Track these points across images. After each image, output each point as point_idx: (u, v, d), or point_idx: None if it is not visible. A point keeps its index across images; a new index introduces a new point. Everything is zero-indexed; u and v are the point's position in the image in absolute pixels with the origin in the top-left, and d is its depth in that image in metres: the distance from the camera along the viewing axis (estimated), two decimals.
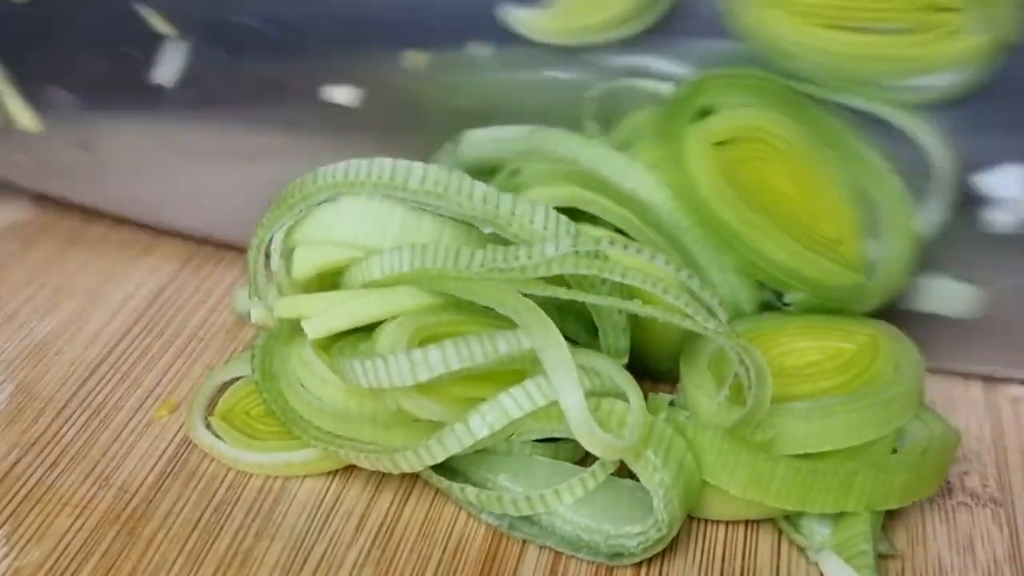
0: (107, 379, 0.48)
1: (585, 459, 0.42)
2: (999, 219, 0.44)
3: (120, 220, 0.57)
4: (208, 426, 0.45)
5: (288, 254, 0.43)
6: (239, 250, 0.55)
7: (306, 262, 0.43)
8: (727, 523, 0.42)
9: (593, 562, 0.40)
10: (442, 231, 0.42)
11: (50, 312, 0.52)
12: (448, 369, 0.38)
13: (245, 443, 0.44)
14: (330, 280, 0.44)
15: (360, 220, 0.42)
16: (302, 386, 0.43)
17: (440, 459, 0.39)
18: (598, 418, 0.38)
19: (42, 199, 0.59)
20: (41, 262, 0.55)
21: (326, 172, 0.42)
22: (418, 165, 0.41)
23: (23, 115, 0.54)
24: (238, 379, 0.46)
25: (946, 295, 0.46)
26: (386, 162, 0.42)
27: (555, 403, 0.39)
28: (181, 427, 0.45)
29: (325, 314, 0.41)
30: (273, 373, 0.44)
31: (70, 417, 0.46)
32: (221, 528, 0.41)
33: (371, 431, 0.41)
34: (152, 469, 0.44)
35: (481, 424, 0.39)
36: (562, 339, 0.38)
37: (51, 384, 0.48)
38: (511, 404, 0.39)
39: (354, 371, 0.39)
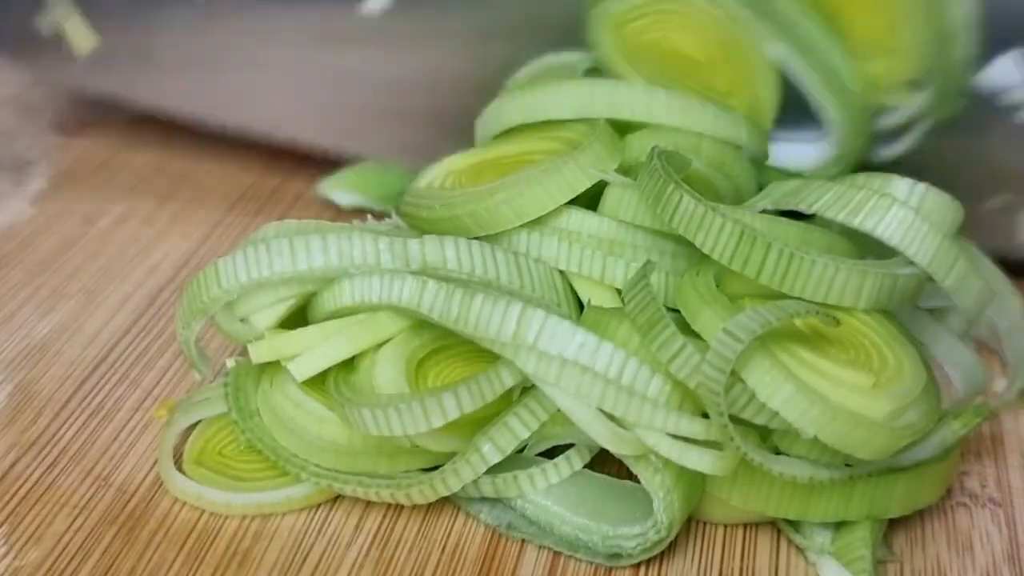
0: (106, 379, 0.48)
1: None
2: None
3: (129, 214, 0.57)
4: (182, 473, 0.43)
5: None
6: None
7: (267, 319, 0.42)
8: (726, 524, 0.42)
9: (592, 563, 0.40)
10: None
11: (50, 312, 0.52)
12: (462, 413, 0.38)
13: (233, 486, 0.42)
14: (296, 313, 0.43)
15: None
16: (294, 424, 0.41)
17: (456, 489, 0.40)
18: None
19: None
20: (41, 262, 0.55)
21: (227, 273, 0.41)
22: (315, 238, 0.40)
23: (81, 36, 0.57)
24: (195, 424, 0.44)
25: None
26: (283, 245, 0.41)
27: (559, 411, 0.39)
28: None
29: (309, 355, 0.41)
30: (251, 411, 0.42)
31: (69, 417, 0.46)
32: (220, 528, 0.41)
33: (376, 463, 0.41)
34: (152, 469, 0.44)
35: (493, 451, 0.39)
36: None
37: (50, 384, 0.48)
38: (518, 425, 0.39)
39: (363, 420, 0.38)
